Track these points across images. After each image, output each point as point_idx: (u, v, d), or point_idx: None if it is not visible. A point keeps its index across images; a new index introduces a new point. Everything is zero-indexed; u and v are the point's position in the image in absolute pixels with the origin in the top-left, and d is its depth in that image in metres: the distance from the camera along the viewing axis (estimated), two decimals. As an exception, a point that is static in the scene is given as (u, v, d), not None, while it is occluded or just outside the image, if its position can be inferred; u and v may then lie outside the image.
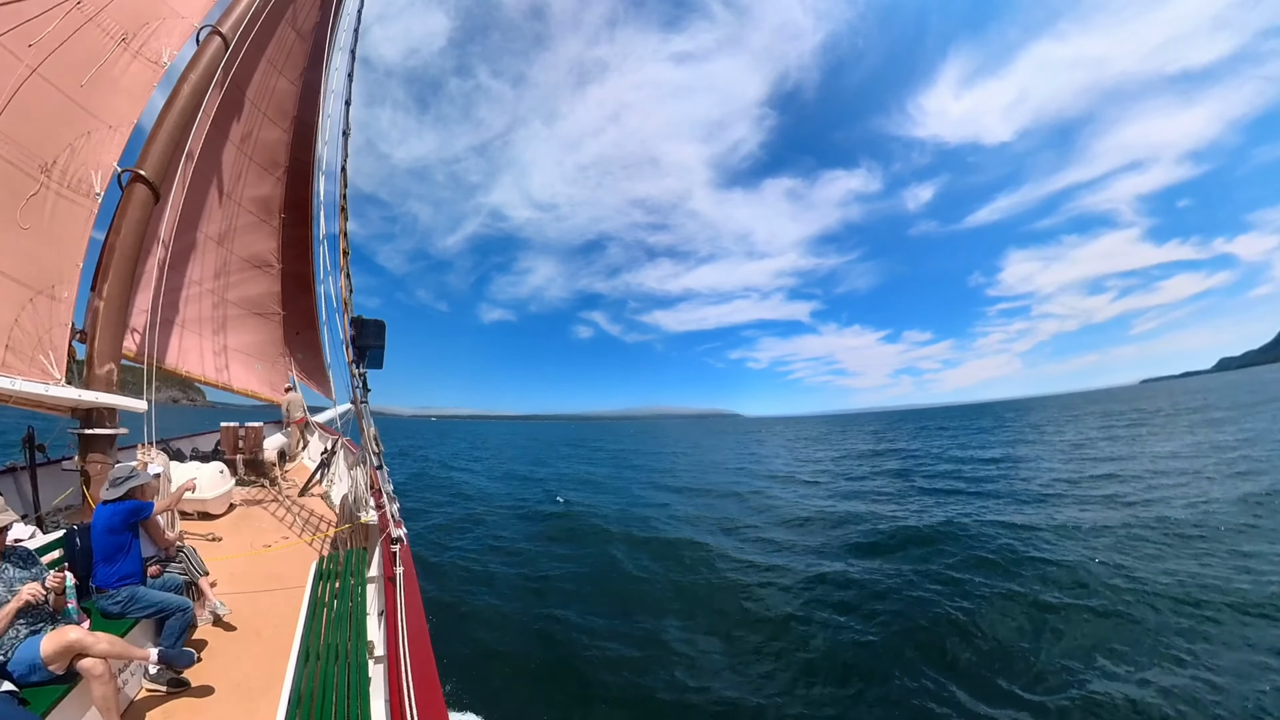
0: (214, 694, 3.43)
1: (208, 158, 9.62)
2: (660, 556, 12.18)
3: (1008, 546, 11.05)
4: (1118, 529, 11.99)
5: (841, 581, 9.98)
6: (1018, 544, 11.19)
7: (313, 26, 10.74)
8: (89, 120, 6.04)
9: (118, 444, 6.03)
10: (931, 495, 17.92)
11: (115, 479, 3.94)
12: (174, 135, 6.86)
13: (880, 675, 6.92)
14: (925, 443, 39.68)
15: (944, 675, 6.83)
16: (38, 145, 5.57)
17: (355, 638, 3.51)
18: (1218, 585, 8.62)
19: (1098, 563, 9.92)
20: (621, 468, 33.03)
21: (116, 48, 6.41)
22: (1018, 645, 7.42)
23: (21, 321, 5.25)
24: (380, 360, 4.92)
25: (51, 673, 2.81)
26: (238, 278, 11.39)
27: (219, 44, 7.56)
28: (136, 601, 3.66)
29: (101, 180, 6.03)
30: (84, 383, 5.71)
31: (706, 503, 19.39)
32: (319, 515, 7.58)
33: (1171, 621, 7.70)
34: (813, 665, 7.28)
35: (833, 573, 10.39)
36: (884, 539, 12.62)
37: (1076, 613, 8.11)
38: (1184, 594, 8.40)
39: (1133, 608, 8.17)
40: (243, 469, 9.84)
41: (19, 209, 5.35)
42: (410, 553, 3.68)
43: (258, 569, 5.57)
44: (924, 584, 9.53)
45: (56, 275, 5.58)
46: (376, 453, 4.56)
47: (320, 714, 2.78)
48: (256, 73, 10.04)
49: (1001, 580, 9.43)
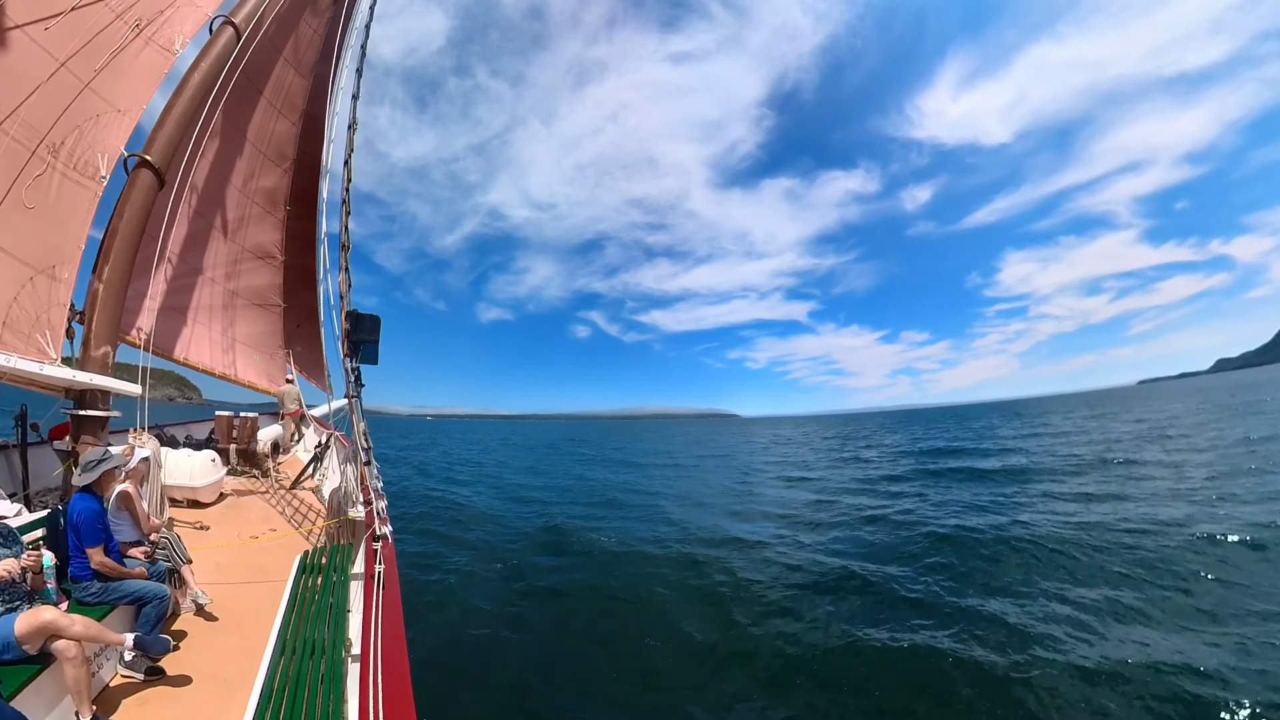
0: (190, 684, 3.39)
1: (215, 147, 9.68)
2: (655, 563, 11.99)
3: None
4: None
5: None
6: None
7: (326, 21, 10.83)
8: (99, 104, 6.08)
9: (110, 427, 6.02)
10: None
11: (87, 463, 3.83)
12: (181, 123, 6.90)
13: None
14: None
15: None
16: (47, 126, 5.60)
17: (334, 634, 3.47)
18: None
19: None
20: (622, 471, 32.65)
21: (130, 33, 6.46)
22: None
23: (21, 299, 5.26)
24: (375, 355, 4.91)
25: (24, 652, 2.78)
26: (241, 268, 11.42)
27: (231, 34, 7.63)
28: (110, 589, 3.63)
29: (108, 164, 6.06)
30: (79, 364, 5.71)
31: (705, 505, 19.07)
32: (309, 509, 7.54)
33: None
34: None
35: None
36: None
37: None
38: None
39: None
40: (235, 459, 9.82)
41: (25, 188, 5.37)
42: (394, 551, 3.65)
43: (243, 560, 5.53)
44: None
45: (58, 255, 5.60)
46: (366, 449, 4.54)
47: (292, 709, 2.74)
48: (268, 64, 10.12)
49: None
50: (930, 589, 9.44)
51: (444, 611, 9.23)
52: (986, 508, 15.00)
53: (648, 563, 11.99)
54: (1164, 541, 10.92)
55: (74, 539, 3.60)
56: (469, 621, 8.85)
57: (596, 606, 9.56)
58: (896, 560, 11.16)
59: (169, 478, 6.92)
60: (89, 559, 3.58)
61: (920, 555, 11.36)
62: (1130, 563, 9.99)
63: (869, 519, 15.15)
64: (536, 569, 11.80)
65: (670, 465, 35.01)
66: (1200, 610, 8.04)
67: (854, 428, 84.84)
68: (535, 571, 11.64)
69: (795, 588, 9.97)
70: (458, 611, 9.25)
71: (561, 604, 9.71)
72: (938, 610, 8.59)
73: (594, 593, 10.21)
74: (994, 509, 14.77)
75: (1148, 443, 26.97)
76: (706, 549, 12.89)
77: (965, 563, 10.67)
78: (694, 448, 52.86)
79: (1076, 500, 15.42)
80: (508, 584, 10.85)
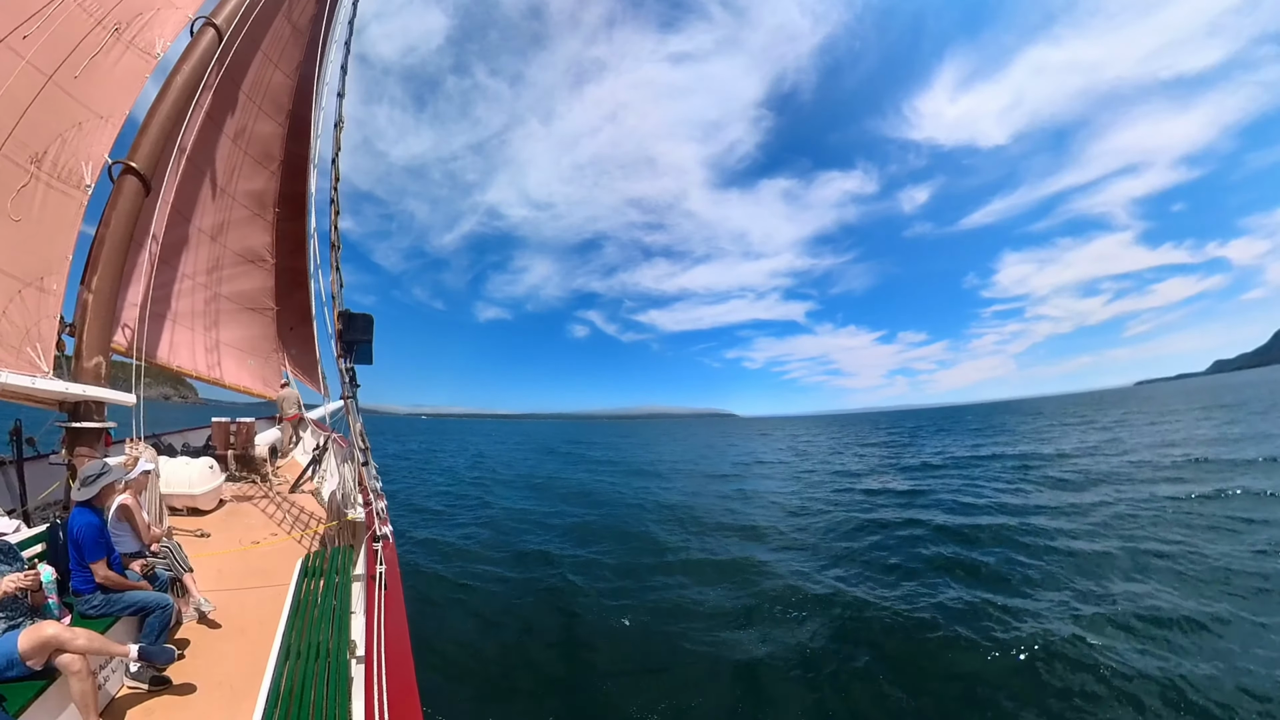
0: (196, 692, 3.40)
1: (201, 150, 9.56)
2: (660, 562, 11.93)
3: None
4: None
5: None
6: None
7: (309, 19, 10.67)
8: (80, 111, 6.00)
9: (112, 438, 5.99)
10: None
11: (86, 478, 3.78)
12: (166, 127, 6.81)
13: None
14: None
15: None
16: (29, 136, 5.53)
17: (338, 636, 3.48)
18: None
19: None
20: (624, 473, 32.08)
21: (109, 38, 6.36)
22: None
23: (9, 313, 5.21)
24: (369, 355, 4.89)
25: (29, 668, 2.79)
26: (231, 272, 11.31)
27: (213, 36, 7.52)
28: (113, 601, 3.63)
29: (92, 172, 5.99)
30: (72, 375, 5.67)
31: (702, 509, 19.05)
32: (309, 512, 7.55)
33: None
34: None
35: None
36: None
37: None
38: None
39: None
40: (234, 465, 9.79)
41: (9, 200, 5.31)
42: (395, 551, 3.65)
43: (245, 565, 5.54)
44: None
45: (45, 267, 5.54)
46: (363, 449, 4.53)
47: (299, 713, 2.76)
48: (251, 65, 9.98)
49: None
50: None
51: (446, 611, 9.27)
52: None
53: (659, 567, 11.87)
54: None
55: (75, 553, 3.59)
56: (471, 621, 8.91)
57: (600, 606, 9.58)
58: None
59: (167, 485, 6.90)
60: (92, 573, 3.58)
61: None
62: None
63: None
64: (537, 569, 11.84)
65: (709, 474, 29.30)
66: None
67: (898, 429, 72.71)
68: (536, 572, 11.68)
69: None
70: (459, 611, 9.30)
71: (563, 603, 9.74)
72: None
73: (597, 592, 10.23)
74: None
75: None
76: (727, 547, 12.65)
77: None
78: (714, 452, 46.00)
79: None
80: (508, 583, 10.89)
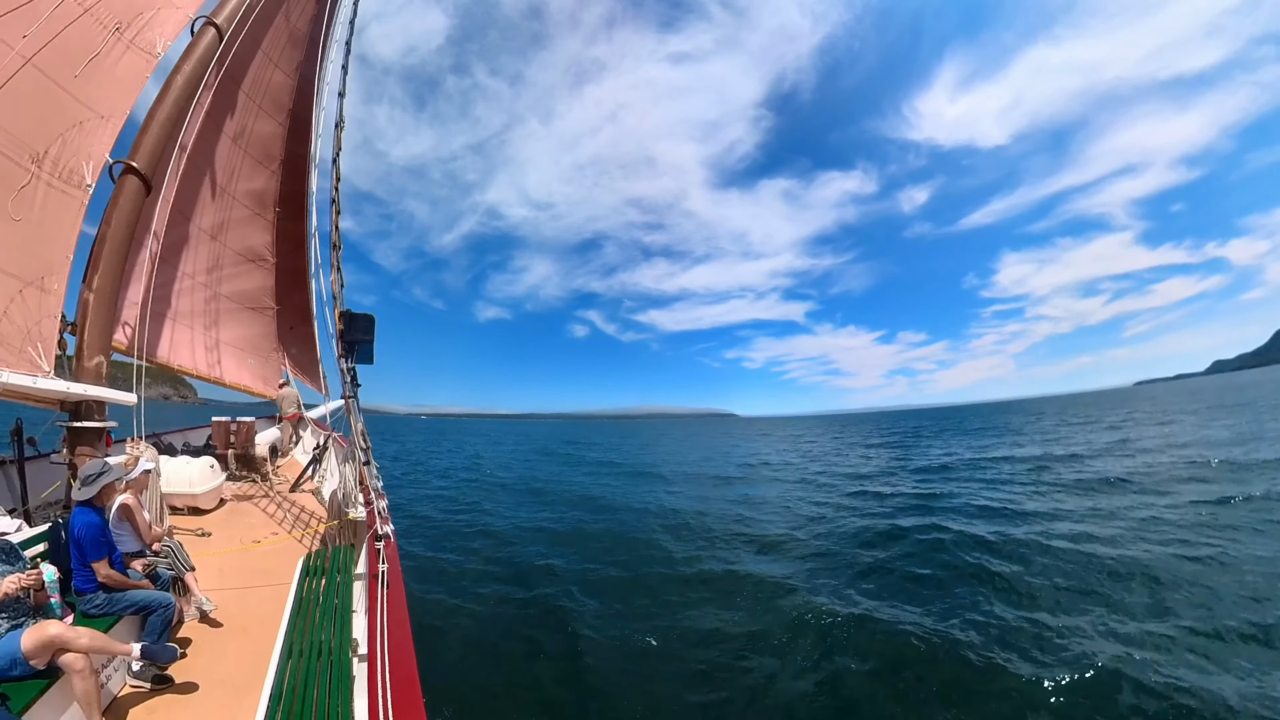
0: (198, 690, 3.42)
1: (201, 150, 9.56)
2: (673, 574, 11.58)
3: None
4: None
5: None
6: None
7: (310, 19, 10.67)
8: (81, 110, 5.99)
9: (112, 438, 6.00)
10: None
11: (86, 477, 3.77)
12: (167, 127, 6.82)
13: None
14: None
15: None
16: (29, 135, 5.52)
17: (340, 635, 3.49)
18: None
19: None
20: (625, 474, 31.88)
21: (110, 37, 6.35)
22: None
23: (10, 313, 5.21)
24: (370, 355, 4.90)
25: (32, 667, 2.80)
26: (231, 271, 11.31)
27: (213, 35, 7.52)
28: (115, 600, 3.63)
29: (93, 171, 5.98)
30: (73, 375, 5.68)
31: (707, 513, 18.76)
32: (309, 511, 7.55)
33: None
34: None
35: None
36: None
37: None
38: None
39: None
40: (234, 464, 9.80)
41: (10, 200, 5.30)
42: (397, 550, 3.66)
43: (246, 565, 5.55)
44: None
45: (46, 267, 5.53)
46: (364, 448, 4.54)
47: (301, 711, 2.76)
48: (252, 65, 9.98)
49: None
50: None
51: (447, 610, 9.28)
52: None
53: (670, 580, 11.42)
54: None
55: (76, 553, 3.59)
56: (472, 621, 8.91)
57: (603, 606, 9.59)
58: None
59: (168, 485, 6.91)
60: (94, 572, 3.59)
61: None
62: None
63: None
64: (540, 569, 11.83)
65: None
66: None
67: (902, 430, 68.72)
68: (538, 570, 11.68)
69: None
70: (461, 611, 9.30)
71: (564, 603, 9.74)
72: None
73: (600, 594, 10.23)
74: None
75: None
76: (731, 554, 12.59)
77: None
78: (717, 453, 43.73)
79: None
80: (509, 584, 10.90)
